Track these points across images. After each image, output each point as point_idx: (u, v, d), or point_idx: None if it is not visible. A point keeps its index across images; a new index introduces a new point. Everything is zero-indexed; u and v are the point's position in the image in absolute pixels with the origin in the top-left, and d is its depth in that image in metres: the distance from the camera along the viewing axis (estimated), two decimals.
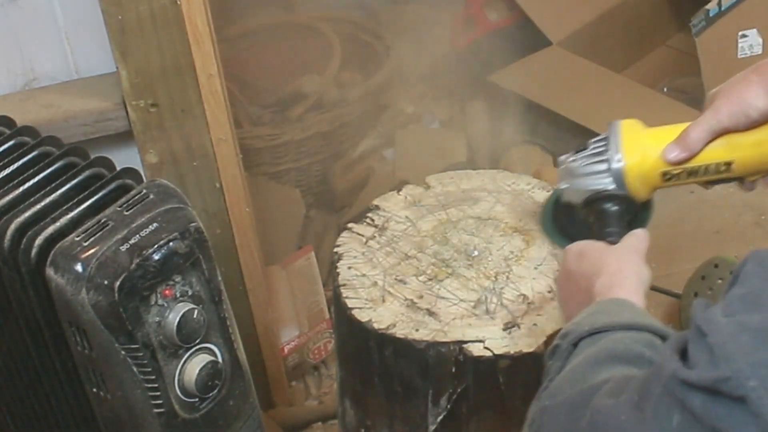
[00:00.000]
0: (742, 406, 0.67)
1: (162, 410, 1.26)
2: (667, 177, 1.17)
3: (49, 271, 1.21)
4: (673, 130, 1.17)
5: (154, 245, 1.21)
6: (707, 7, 2.40)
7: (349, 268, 1.29)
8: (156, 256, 1.21)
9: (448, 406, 1.19)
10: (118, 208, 1.25)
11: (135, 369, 1.22)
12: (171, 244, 1.22)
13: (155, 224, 1.23)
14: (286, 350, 2.07)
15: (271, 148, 2.20)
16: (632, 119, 1.21)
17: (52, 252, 1.22)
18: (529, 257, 1.29)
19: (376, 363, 1.22)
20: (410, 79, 2.48)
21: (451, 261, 1.29)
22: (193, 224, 1.26)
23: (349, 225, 1.36)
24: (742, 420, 0.67)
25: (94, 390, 1.28)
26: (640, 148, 1.17)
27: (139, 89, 1.59)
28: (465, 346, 1.16)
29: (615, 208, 1.17)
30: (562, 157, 1.22)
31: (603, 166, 1.17)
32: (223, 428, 1.35)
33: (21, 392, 1.42)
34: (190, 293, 1.26)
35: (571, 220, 1.25)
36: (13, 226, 1.27)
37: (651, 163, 1.16)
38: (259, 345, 1.89)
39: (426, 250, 1.31)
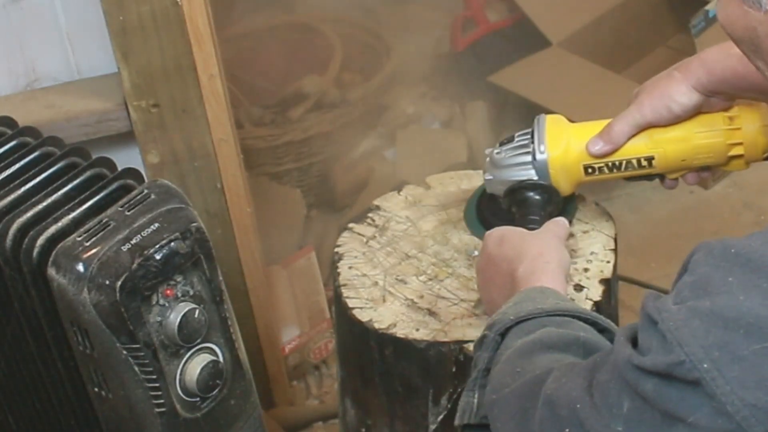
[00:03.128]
0: (696, 389, 0.69)
1: (163, 410, 1.26)
2: (589, 170, 1.20)
3: (51, 271, 1.22)
4: (597, 125, 1.20)
5: (156, 245, 1.22)
6: (707, 7, 2.41)
7: (350, 268, 1.29)
8: (157, 256, 1.21)
9: (449, 406, 1.19)
10: (120, 208, 1.25)
11: (136, 369, 1.23)
12: (172, 244, 1.23)
13: (156, 224, 1.23)
14: (286, 350, 2.07)
15: (272, 149, 2.21)
16: (557, 114, 1.24)
17: (54, 252, 1.22)
18: None
19: (376, 363, 1.22)
20: (410, 80, 2.49)
21: (452, 261, 1.29)
22: (194, 224, 1.26)
23: (350, 225, 1.37)
24: (696, 402, 0.69)
25: (96, 390, 1.28)
26: (563, 140, 1.20)
27: (141, 90, 1.59)
28: (465, 345, 1.16)
29: (537, 197, 1.20)
30: (488, 150, 1.25)
31: (527, 158, 1.20)
32: (224, 428, 1.35)
33: (22, 392, 1.43)
34: (191, 293, 1.27)
35: (494, 212, 1.28)
36: (14, 226, 1.28)
37: (574, 155, 1.19)
38: (260, 345, 1.89)
39: (426, 250, 1.31)
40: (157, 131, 1.63)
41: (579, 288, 1.20)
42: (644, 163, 1.18)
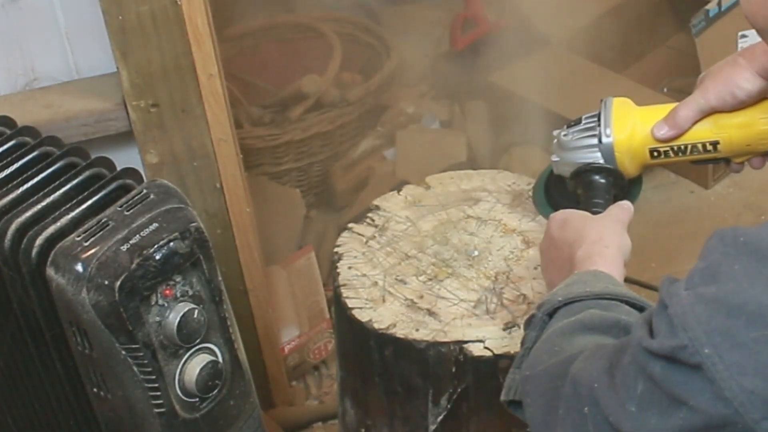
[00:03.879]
0: (698, 373, 0.70)
1: (162, 410, 1.26)
2: (655, 154, 1.20)
3: (50, 271, 1.22)
4: (663, 109, 1.20)
5: (155, 245, 1.21)
6: (707, 7, 2.41)
7: (350, 268, 1.29)
8: (156, 256, 1.21)
9: (449, 406, 1.19)
10: (119, 208, 1.25)
11: (135, 369, 1.22)
12: (171, 244, 1.23)
13: (156, 224, 1.23)
14: (286, 350, 2.07)
15: (272, 149, 2.21)
16: (624, 98, 1.24)
17: (53, 252, 1.22)
18: (528, 257, 1.29)
19: (376, 363, 1.22)
20: (410, 79, 2.49)
21: (452, 261, 1.29)
22: (193, 224, 1.26)
23: (350, 225, 1.36)
24: (698, 386, 0.70)
25: (95, 390, 1.28)
26: (629, 124, 1.20)
27: (140, 89, 1.59)
28: (465, 346, 1.16)
29: (602, 180, 1.20)
30: (556, 132, 1.25)
31: (593, 141, 1.20)
32: (224, 428, 1.35)
33: (22, 392, 1.43)
34: (190, 293, 1.27)
35: (562, 192, 1.28)
36: (13, 226, 1.28)
37: (640, 139, 1.19)
38: (259, 345, 1.89)
39: (426, 250, 1.31)
40: (157, 131, 1.63)
41: None
42: (709, 147, 1.18)
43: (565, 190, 1.26)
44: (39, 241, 1.25)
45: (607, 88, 2.40)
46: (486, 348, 1.16)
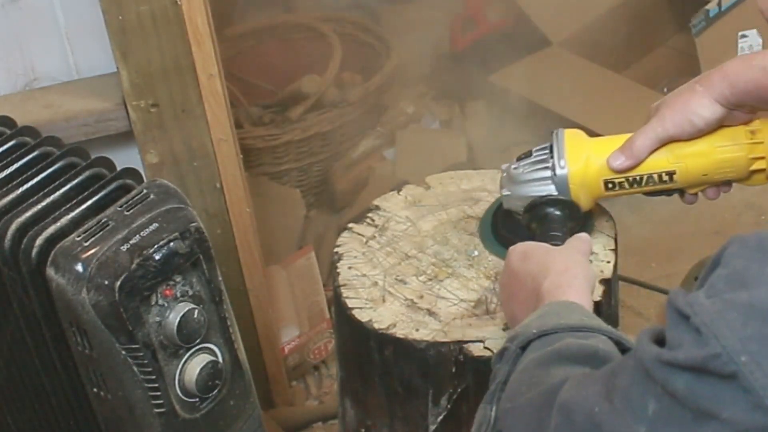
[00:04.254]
0: (732, 383, 0.67)
1: (162, 410, 1.26)
2: (609, 186, 1.18)
3: (50, 271, 1.22)
4: (617, 140, 1.18)
5: (155, 245, 1.21)
6: (707, 7, 2.41)
7: (350, 268, 1.29)
8: (156, 256, 1.21)
9: (449, 406, 1.19)
10: (119, 208, 1.25)
11: (135, 369, 1.22)
12: (171, 244, 1.23)
13: (156, 224, 1.23)
14: (286, 350, 2.07)
15: (272, 149, 2.21)
16: (575, 129, 1.22)
17: (53, 252, 1.22)
18: None
19: (376, 363, 1.22)
20: (410, 79, 2.49)
21: (452, 261, 1.29)
22: (193, 224, 1.26)
23: (350, 225, 1.36)
24: (731, 397, 0.67)
25: (95, 390, 1.28)
26: (583, 155, 1.18)
27: (140, 89, 1.59)
28: (465, 346, 1.16)
29: (558, 213, 1.19)
30: (504, 166, 1.23)
31: (546, 173, 1.18)
32: (224, 428, 1.35)
33: (21, 392, 1.43)
34: (190, 293, 1.27)
35: (511, 228, 1.25)
36: (13, 226, 1.28)
37: (595, 170, 1.18)
38: (259, 345, 1.89)
39: (426, 250, 1.31)
40: (157, 131, 1.63)
41: None
42: (665, 177, 1.17)
43: (515, 225, 1.24)
44: (39, 241, 1.25)
45: (607, 88, 2.41)
46: (486, 348, 1.16)
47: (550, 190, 1.19)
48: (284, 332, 2.06)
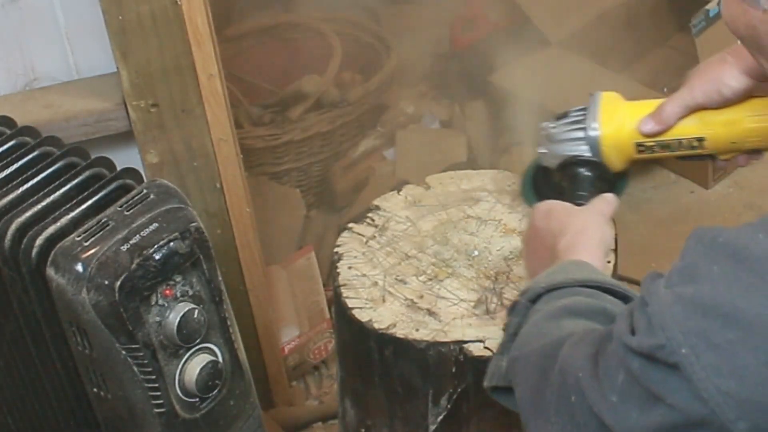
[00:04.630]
0: (675, 372, 0.71)
1: (162, 410, 1.26)
2: (641, 149, 1.21)
3: (50, 271, 1.22)
4: (651, 105, 1.21)
5: (155, 245, 1.21)
6: (707, 7, 2.40)
7: (350, 268, 1.29)
8: (156, 256, 1.21)
9: (449, 406, 1.19)
10: (119, 208, 1.25)
11: (135, 369, 1.22)
12: (171, 244, 1.23)
13: (156, 224, 1.23)
14: (286, 350, 2.07)
15: (272, 149, 2.21)
16: (613, 92, 1.25)
17: (53, 252, 1.22)
18: None
19: (376, 363, 1.22)
20: (410, 79, 2.48)
21: (452, 261, 1.29)
22: (193, 224, 1.26)
23: (350, 225, 1.36)
24: (677, 385, 0.71)
25: (95, 390, 1.28)
26: (617, 118, 1.21)
27: (140, 89, 1.59)
28: (465, 346, 1.16)
29: (588, 173, 1.21)
30: (544, 124, 1.26)
31: (580, 134, 1.21)
32: (224, 428, 1.35)
33: (21, 392, 1.42)
34: (190, 293, 1.27)
35: (548, 184, 1.28)
36: (13, 226, 1.27)
37: (626, 133, 1.20)
38: (259, 345, 1.89)
39: (426, 250, 1.31)
40: (157, 131, 1.63)
41: None
42: (695, 143, 1.19)
43: (552, 181, 1.27)
44: (39, 241, 1.25)
45: (607, 88, 2.40)
46: (486, 348, 1.16)
47: (583, 150, 1.21)
48: (284, 332, 2.06)
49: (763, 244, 0.71)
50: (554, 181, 1.26)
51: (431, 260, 1.29)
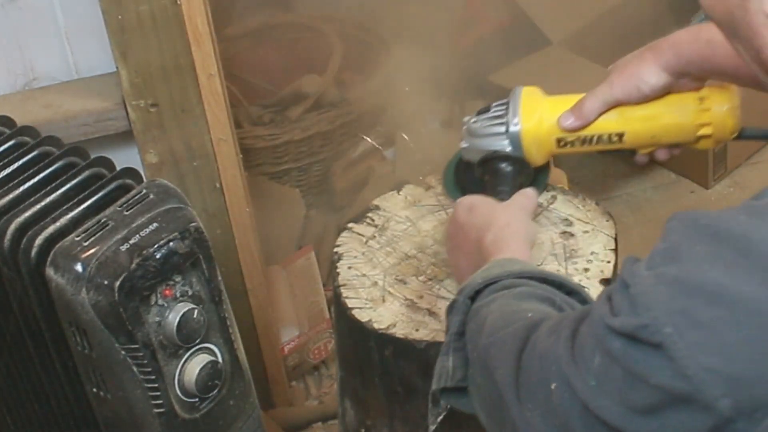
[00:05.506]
0: (658, 352, 0.71)
1: (162, 410, 1.26)
2: (561, 143, 1.23)
3: (49, 271, 1.21)
4: (571, 100, 1.23)
5: (155, 245, 1.21)
6: None
7: (349, 268, 1.29)
8: (156, 256, 1.21)
9: (449, 406, 1.19)
10: (118, 208, 1.25)
11: (135, 369, 1.22)
12: (171, 244, 1.22)
13: (155, 224, 1.23)
14: (286, 350, 2.07)
15: (271, 148, 2.20)
16: (533, 87, 1.28)
17: (52, 252, 1.22)
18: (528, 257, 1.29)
19: (376, 363, 1.22)
20: (410, 79, 2.48)
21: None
22: (193, 224, 1.26)
23: (349, 225, 1.36)
24: (658, 364, 0.71)
25: (94, 390, 1.28)
26: (537, 113, 1.23)
27: (139, 89, 1.59)
28: None
29: (509, 168, 1.23)
30: (466, 118, 1.28)
31: (501, 129, 1.24)
32: (223, 428, 1.35)
33: (21, 392, 1.42)
34: (190, 293, 1.26)
35: (470, 178, 1.30)
36: (13, 226, 1.27)
37: (547, 128, 1.23)
38: (259, 345, 1.89)
39: (426, 250, 1.31)
40: (156, 131, 1.63)
41: None
42: (615, 138, 1.21)
43: (472, 174, 1.29)
44: (38, 241, 1.25)
45: None
46: None
47: (504, 145, 1.24)
48: (284, 332, 2.06)
49: (744, 224, 0.72)
50: (476, 175, 1.27)
51: (431, 260, 1.29)
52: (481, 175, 1.26)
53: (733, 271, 0.70)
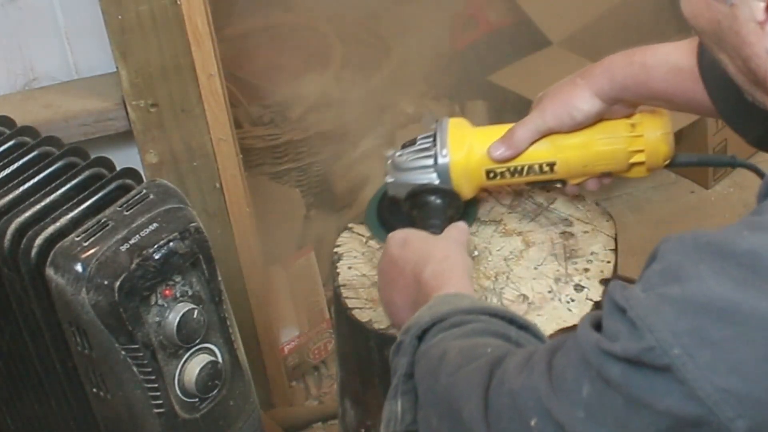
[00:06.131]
0: (665, 375, 0.69)
1: (162, 410, 1.26)
2: (491, 175, 1.21)
3: (49, 271, 1.21)
4: (500, 130, 1.20)
5: (154, 245, 1.21)
6: None
7: (350, 268, 1.29)
8: (156, 256, 1.21)
9: None
10: (118, 208, 1.25)
11: (135, 369, 1.22)
12: (171, 244, 1.22)
13: (155, 224, 1.23)
14: (286, 350, 2.07)
15: (271, 148, 2.20)
16: (460, 117, 1.24)
17: (52, 252, 1.22)
18: (528, 257, 1.29)
19: (376, 363, 1.22)
20: (410, 79, 2.48)
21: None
22: (193, 224, 1.26)
23: (350, 225, 1.36)
24: (665, 388, 0.69)
25: (94, 390, 1.28)
26: (466, 144, 1.20)
27: (139, 89, 1.59)
28: None
29: (438, 201, 1.20)
30: (389, 152, 1.25)
31: (429, 161, 1.21)
32: (223, 428, 1.35)
33: (21, 392, 1.42)
34: (190, 293, 1.26)
35: (395, 214, 1.27)
36: (13, 226, 1.27)
37: (476, 160, 1.20)
38: (259, 345, 1.89)
39: None
40: (156, 131, 1.63)
41: (579, 288, 1.19)
42: (546, 168, 1.19)
43: (399, 211, 1.26)
44: (38, 241, 1.25)
45: None
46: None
47: (432, 178, 1.21)
48: (284, 332, 2.06)
49: (748, 239, 0.70)
50: (404, 210, 1.24)
51: None
52: (410, 209, 1.23)
53: (743, 287, 0.68)
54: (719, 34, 0.80)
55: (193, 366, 1.27)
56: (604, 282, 1.20)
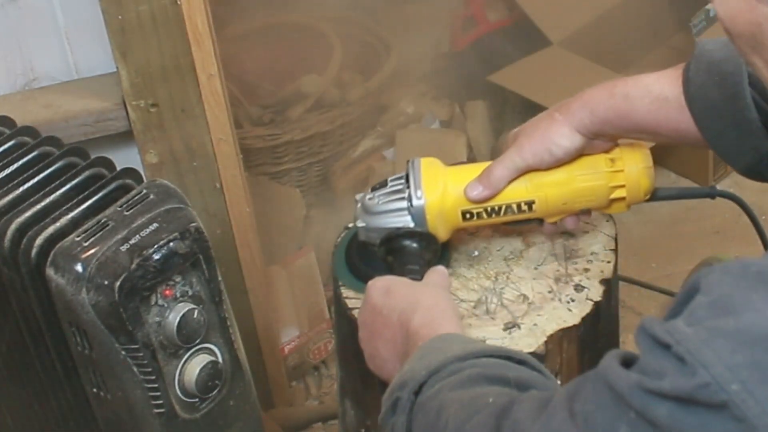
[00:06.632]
0: (721, 412, 0.65)
1: (162, 410, 1.26)
2: (467, 216, 1.16)
3: (50, 272, 1.21)
4: (475, 169, 1.16)
5: (155, 245, 1.21)
6: (707, 7, 2.40)
7: None
8: (156, 256, 1.21)
9: None
10: (119, 208, 1.25)
11: (135, 369, 1.22)
12: (171, 244, 1.22)
13: (155, 224, 1.23)
14: (286, 350, 2.07)
15: (272, 148, 2.21)
16: (432, 158, 1.19)
17: (53, 252, 1.22)
18: (529, 257, 1.29)
19: None
20: (410, 79, 2.49)
21: (452, 261, 1.28)
22: (193, 224, 1.26)
23: (350, 225, 1.36)
24: (723, 426, 0.65)
25: (94, 390, 1.28)
26: (440, 185, 1.15)
27: (139, 89, 1.59)
28: None
29: (415, 245, 1.15)
30: (359, 196, 1.20)
31: (403, 204, 1.15)
32: (223, 428, 1.35)
33: (21, 392, 1.42)
34: (190, 293, 1.26)
35: (367, 260, 1.22)
36: (13, 226, 1.27)
37: (452, 200, 1.15)
38: (259, 345, 1.88)
39: None
40: (156, 131, 1.63)
41: (579, 288, 1.19)
42: (524, 207, 1.15)
43: (370, 256, 1.20)
44: (39, 241, 1.25)
45: None
46: None
47: (407, 221, 1.15)
48: (284, 332, 2.06)
49: None
50: (379, 255, 1.18)
51: None
52: (385, 254, 1.17)
53: None
54: (758, 37, 0.76)
55: (193, 366, 1.27)
56: (605, 282, 1.20)
